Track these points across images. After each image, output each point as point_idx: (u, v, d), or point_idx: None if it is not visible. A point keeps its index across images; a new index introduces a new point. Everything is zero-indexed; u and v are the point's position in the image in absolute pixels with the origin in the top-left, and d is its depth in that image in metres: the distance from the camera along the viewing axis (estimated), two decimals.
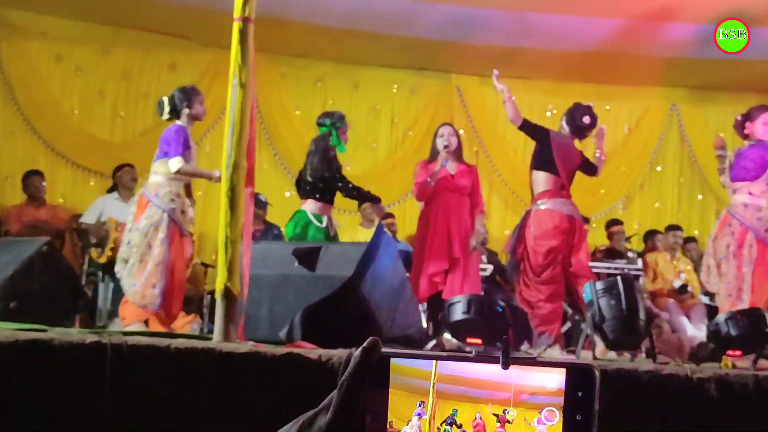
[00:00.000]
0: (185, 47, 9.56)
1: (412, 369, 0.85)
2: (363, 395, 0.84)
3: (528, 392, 0.84)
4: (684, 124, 10.57)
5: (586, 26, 8.77)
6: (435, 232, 6.56)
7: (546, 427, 0.83)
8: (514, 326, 7.93)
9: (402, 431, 0.84)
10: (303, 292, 4.99)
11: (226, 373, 3.62)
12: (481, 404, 0.84)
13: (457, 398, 0.84)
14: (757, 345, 5.06)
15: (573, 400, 0.83)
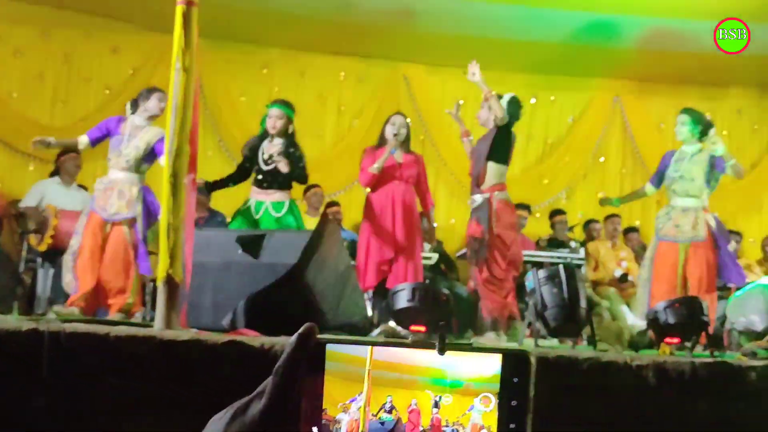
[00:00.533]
0: (128, 30, 9.39)
1: (348, 355, 0.85)
2: (298, 381, 0.83)
3: (464, 378, 0.84)
4: (627, 115, 10.71)
5: (533, 16, 8.83)
6: (381, 221, 6.57)
7: (481, 413, 0.83)
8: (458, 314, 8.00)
9: (337, 418, 0.84)
10: (247, 280, 4.95)
11: (167, 361, 3.58)
12: (416, 390, 0.84)
13: (392, 384, 0.84)
14: (695, 332, 5.17)
15: (508, 386, 0.84)
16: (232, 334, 4.23)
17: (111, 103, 9.33)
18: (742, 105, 10.82)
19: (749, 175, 10.67)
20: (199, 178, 7.64)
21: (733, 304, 5.55)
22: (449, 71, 10.37)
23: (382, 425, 0.84)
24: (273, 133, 6.55)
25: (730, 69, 9.94)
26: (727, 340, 5.82)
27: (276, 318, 4.50)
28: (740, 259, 9.42)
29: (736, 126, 10.82)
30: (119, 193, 6.30)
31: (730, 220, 10.45)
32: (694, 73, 10.11)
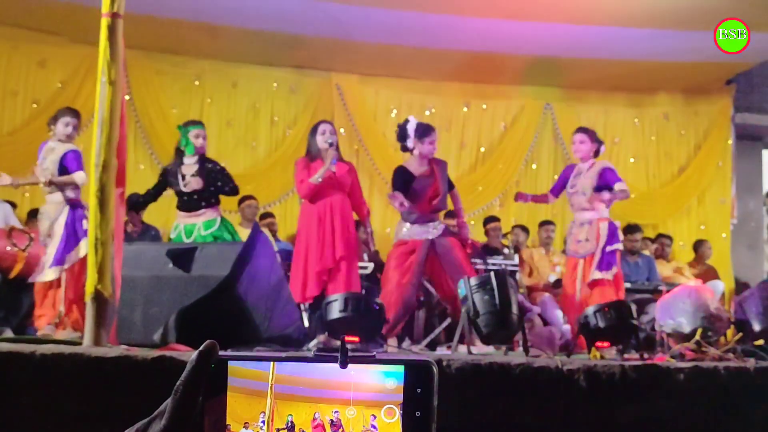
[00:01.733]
0: (55, 43, 9.22)
1: (251, 371, 0.84)
2: (199, 400, 0.82)
3: (367, 390, 0.84)
4: (558, 122, 10.87)
5: (463, 26, 8.90)
6: (320, 231, 6.53)
7: (386, 424, 0.84)
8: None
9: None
10: (178, 294, 4.90)
11: (95, 379, 3.52)
12: (320, 404, 0.84)
13: (296, 399, 0.84)
14: (624, 336, 5.26)
15: (412, 397, 0.84)
16: (164, 349, 4.17)
17: (39, 117, 9.15)
18: (668, 110, 11.07)
19: (677, 180, 10.95)
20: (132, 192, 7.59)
21: (661, 306, 5.64)
22: (382, 81, 10.44)
23: None
24: (203, 152, 6.71)
25: (657, 75, 10.18)
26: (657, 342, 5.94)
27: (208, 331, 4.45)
28: (670, 262, 9.63)
29: (663, 131, 11.06)
30: (46, 215, 6.46)
31: (661, 225, 10.70)
32: (622, 79, 10.31)
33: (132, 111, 9.54)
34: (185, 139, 6.64)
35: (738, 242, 11.00)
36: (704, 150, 11.00)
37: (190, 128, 6.71)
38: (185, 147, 6.64)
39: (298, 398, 0.84)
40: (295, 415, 0.84)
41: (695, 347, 5.04)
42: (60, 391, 3.48)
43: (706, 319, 5.30)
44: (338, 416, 0.83)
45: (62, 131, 6.50)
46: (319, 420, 0.84)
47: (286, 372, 0.84)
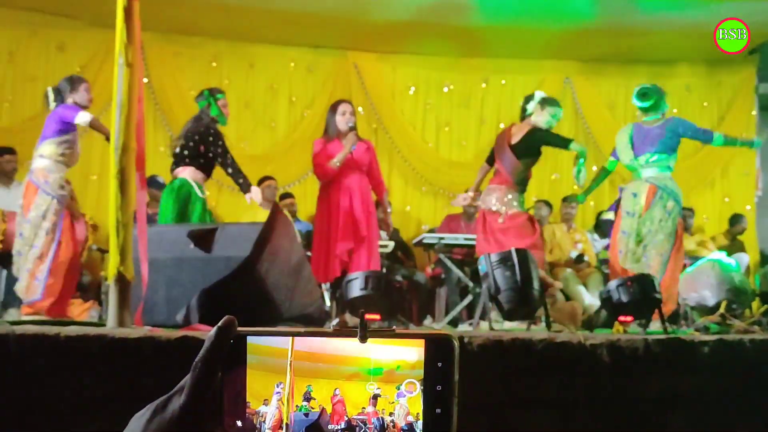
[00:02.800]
0: (73, 27, 9.23)
1: (269, 347, 0.83)
2: (217, 376, 0.82)
3: (388, 365, 0.83)
4: (577, 96, 10.77)
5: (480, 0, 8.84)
6: (340, 212, 6.52)
7: (406, 399, 0.83)
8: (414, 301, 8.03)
9: (258, 410, 0.83)
10: (199, 275, 4.91)
11: (119, 360, 3.54)
12: (339, 380, 0.83)
13: (315, 375, 0.83)
14: (647, 310, 5.23)
15: (432, 372, 0.83)
16: (186, 329, 4.19)
17: None
18: (690, 82, 10.94)
19: (700, 152, 10.83)
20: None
21: (684, 280, 5.61)
22: (399, 58, 10.38)
23: (306, 416, 0.83)
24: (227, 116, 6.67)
25: (678, 46, 10.06)
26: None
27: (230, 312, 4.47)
28: (694, 236, 9.57)
29: (685, 103, 10.93)
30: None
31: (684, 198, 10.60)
32: (643, 51, 10.20)
33: (150, 93, 9.55)
34: (216, 108, 6.60)
35: (763, 214, 10.89)
36: (727, 121, 10.87)
37: (219, 96, 6.66)
38: (217, 116, 6.59)
39: (318, 373, 0.83)
40: (315, 391, 0.83)
41: (720, 320, 5.01)
42: (85, 372, 3.50)
43: (730, 292, 5.26)
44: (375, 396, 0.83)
45: (85, 99, 6.35)
46: (339, 395, 0.83)
47: (305, 348, 0.83)
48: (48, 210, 5.99)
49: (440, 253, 8.02)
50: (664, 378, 4.14)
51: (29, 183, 6.09)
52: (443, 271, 8.29)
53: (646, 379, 4.09)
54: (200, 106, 6.64)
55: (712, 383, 4.18)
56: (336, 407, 0.83)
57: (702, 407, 4.11)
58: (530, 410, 3.95)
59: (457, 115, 10.55)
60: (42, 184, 6.00)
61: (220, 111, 6.56)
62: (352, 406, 0.83)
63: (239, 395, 0.83)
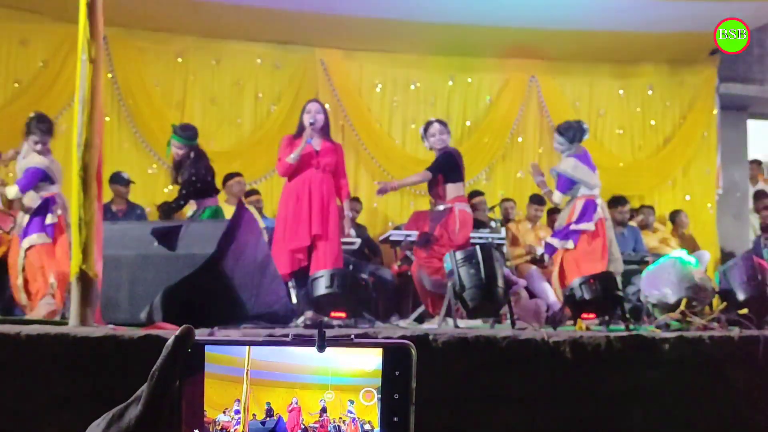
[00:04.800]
0: (37, 21, 9.11)
1: (226, 357, 0.84)
2: (174, 385, 0.82)
3: (346, 374, 0.84)
4: (543, 94, 10.84)
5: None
6: (296, 209, 6.54)
7: (364, 408, 0.83)
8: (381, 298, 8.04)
9: (216, 419, 0.83)
10: (164, 272, 4.89)
11: (80, 359, 3.51)
12: (297, 389, 0.83)
13: (273, 385, 0.83)
14: (609, 307, 5.28)
15: (390, 380, 0.84)
16: (150, 328, 4.17)
17: (20, 97, 9.09)
18: (653, 81, 11.05)
19: (662, 151, 10.96)
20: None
21: (646, 277, 5.67)
22: (366, 55, 10.38)
23: (263, 425, 0.84)
24: (177, 159, 6.90)
25: (641, 46, 10.16)
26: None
27: (194, 310, 4.47)
28: (656, 233, 9.67)
29: (648, 102, 11.06)
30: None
31: (647, 196, 10.72)
32: (606, 51, 10.29)
33: (115, 89, 9.47)
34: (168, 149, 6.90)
35: (723, 212, 11.04)
36: (689, 120, 11.00)
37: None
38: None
39: (276, 383, 0.83)
40: (272, 400, 0.83)
41: (680, 317, 5.07)
42: (46, 371, 3.48)
43: (690, 289, 5.33)
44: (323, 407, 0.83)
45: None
46: (296, 404, 0.83)
47: (263, 357, 0.83)
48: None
49: (407, 250, 8.04)
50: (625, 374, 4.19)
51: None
52: (409, 269, 8.30)
53: (608, 375, 4.13)
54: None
55: (673, 379, 4.24)
56: (291, 415, 0.84)
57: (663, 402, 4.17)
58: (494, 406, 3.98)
59: (423, 112, 10.56)
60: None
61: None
62: (309, 414, 0.84)
63: (197, 404, 0.83)
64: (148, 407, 0.80)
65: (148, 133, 9.60)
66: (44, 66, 9.27)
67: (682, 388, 4.22)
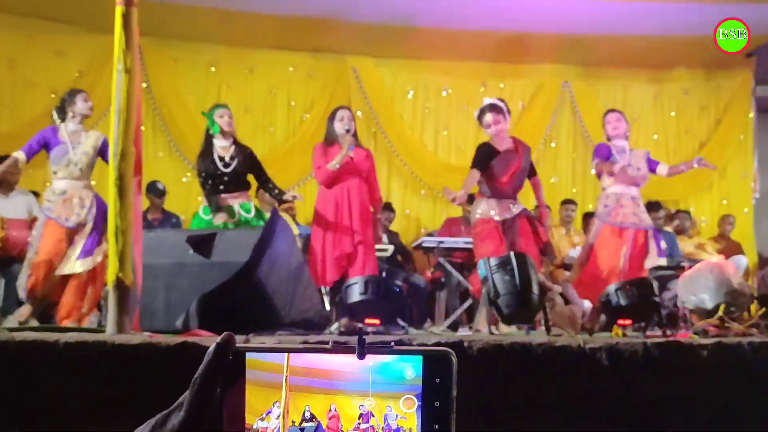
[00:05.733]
0: (72, 32, 9.25)
1: (266, 363, 0.84)
2: (216, 392, 0.82)
3: (386, 382, 0.84)
4: (576, 100, 10.78)
5: (479, 5, 8.84)
6: (338, 216, 6.55)
7: (404, 415, 0.83)
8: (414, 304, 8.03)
9: (256, 426, 0.83)
10: (199, 280, 4.93)
11: (118, 366, 3.54)
12: (337, 396, 0.83)
13: (312, 391, 0.83)
14: (646, 313, 5.23)
15: (431, 387, 0.83)
16: (186, 335, 4.20)
17: None
18: (688, 85, 10.95)
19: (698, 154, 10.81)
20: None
21: (683, 283, 5.60)
22: (398, 62, 10.40)
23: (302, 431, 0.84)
24: (229, 130, 6.66)
25: (676, 50, 10.07)
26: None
27: (229, 317, 4.50)
28: (692, 238, 9.57)
29: (683, 106, 10.96)
30: (79, 201, 6.21)
31: (682, 201, 10.62)
32: (641, 55, 10.21)
33: (150, 99, 9.56)
34: (211, 121, 6.64)
35: (761, 216, 10.89)
36: (725, 124, 10.88)
37: (215, 110, 6.71)
38: (212, 128, 6.63)
39: (315, 390, 0.83)
40: (312, 407, 0.84)
41: (718, 323, 5.01)
42: (84, 379, 3.51)
43: (728, 295, 5.26)
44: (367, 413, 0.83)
45: (84, 108, 6.37)
46: (335, 411, 0.83)
47: (302, 364, 0.84)
48: (38, 220, 6.13)
49: (440, 256, 8.03)
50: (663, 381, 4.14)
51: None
52: (443, 275, 8.30)
53: (646, 382, 4.09)
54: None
55: (711, 386, 4.18)
56: (330, 423, 0.84)
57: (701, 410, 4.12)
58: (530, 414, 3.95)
59: (455, 119, 10.56)
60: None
61: (213, 121, 6.62)
62: (348, 421, 0.84)
63: (238, 411, 0.83)
64: (190, 414, 0.81)
65: (182, 142, 9.68)
66: (80, 76, 9.38)
67: (721, 395, 4.16)
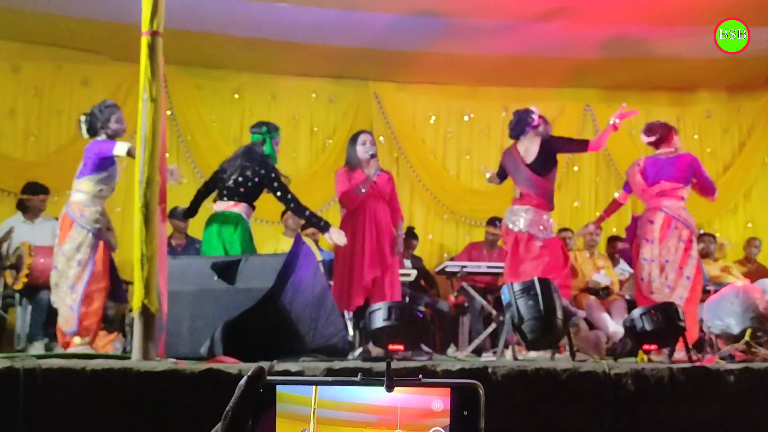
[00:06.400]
0: (97, 62, 9.37)
1: (295, 396, 0.85)
2: (248, 425, 0.84)
3: (414, 414, 0.84)
4: (598, 123, 10.76)
5: (500, 29, 8.87)
6: (366, 240, 6.54)
7: None
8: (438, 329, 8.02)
9: None
10: (223, 306, 4.95)
11: (144, 393, 3.57)
12: (365, 428, 0.84)
13: (340, 424, 0.84)
14: (672, 338, 5.20)
15: (459, 420, 0.84)
16: (211, 361, 4.22)
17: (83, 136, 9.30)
18: (711, 108, 10.91)
19: (722, 178, 10.77)
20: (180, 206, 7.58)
21: (708, 308, 5.57)
22: (419, 87, 10.44)
23: None
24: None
25: (698, 73, 10.05)
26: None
27: (254, 343, 4.51)
28: (717, 261, 9.50)
29: (706, 129, 10.91)
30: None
31: (707, 224, 10.54)
32: (662, 78, 10.20)
33: (173, 126, 9.65)
34: (270, 146, 6.50)
35: None
36: (749, 147, 10.83)
37: (275, 134, 6.59)
38: (269, 155, 6.47)
39: (343, 422, 0.84)
40: None
41: (745, 348, 4.98)
42: (111, 405, 3.54)
43: (755, 320, 5.22)
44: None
45: (120, 128, 6.24)
46: None
47: (330, 396, 0.84)
48: (82, 243, 6.03)
49: (463, 281, 8.03)
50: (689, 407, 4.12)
51: (65, 216, 6.12)
52: (466, 300, 8.29)
53: (672, 408, 4.07)
54: (253, 139, 6.58)
55: (738, 411, 4.16)
56: None
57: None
58: None
59: (477, 143, 10.58)
60: (78, 218, 6.04)
61: (273, 150, 6.49)
62: None
63: None
64: None
65: (206, 168, 9.73)
66: None
67: (748, 420, 4.13)
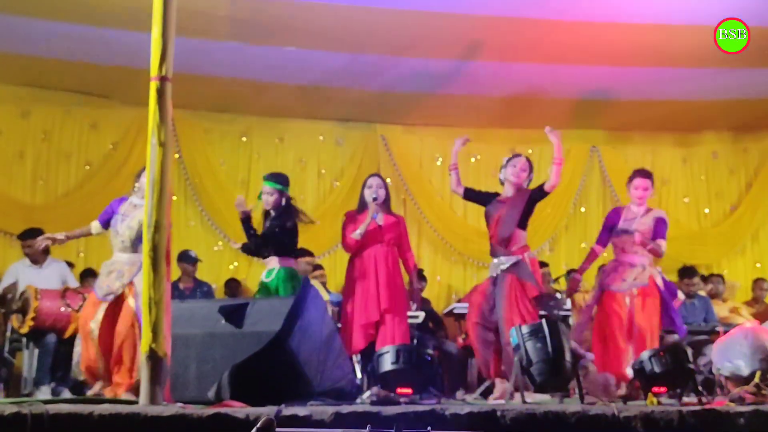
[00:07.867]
0: (106, 106, 9.47)
1: None
2: None
3: None
4: (605, 164, 10.81)
5: (505, 71, 8.93)
6: (364, 284, 6.59)
7: None
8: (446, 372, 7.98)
9: None
10: (231, 350, 4.93)
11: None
12: None
13: None
14: (681, 380, 5.16)
15: None
16: (218, 406, 4.20)
17: (91, 179, 9.39)
18: (717, 149, 10.95)
19: (730, 218, 10.78)
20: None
21: (717, 349, 5.53)
22: (426, 129, 10.51)
23: None
24: (267, 208, 6.69)
25: (704, 114, 10.09)
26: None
27: (261, 387, 4.49)
28: (726, 302, 9.46)
29: (713, 170, 10.94)
30: (118, 273, 6.17)
31: (715, 265, 10.52)
32: (668, 119, 10.24)
33: (181, 168, 9.71)
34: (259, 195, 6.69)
35: None
36: (756, 187, 10.83)
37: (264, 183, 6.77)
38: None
39: None
40: None
41: (755, 390, 4.93)
42: None
43: (764, 361, 5.18)
44: None
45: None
46: None
47: None
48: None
49: None
50: None
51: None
52: None
53: None
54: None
55: None
56: None
57: None
58: None
59: (484, 184, 10.55)
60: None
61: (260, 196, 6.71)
62: None
63: None
64: None
65: (213, 211, 9.80)
66: (114, 148, 9.58)
67: None
